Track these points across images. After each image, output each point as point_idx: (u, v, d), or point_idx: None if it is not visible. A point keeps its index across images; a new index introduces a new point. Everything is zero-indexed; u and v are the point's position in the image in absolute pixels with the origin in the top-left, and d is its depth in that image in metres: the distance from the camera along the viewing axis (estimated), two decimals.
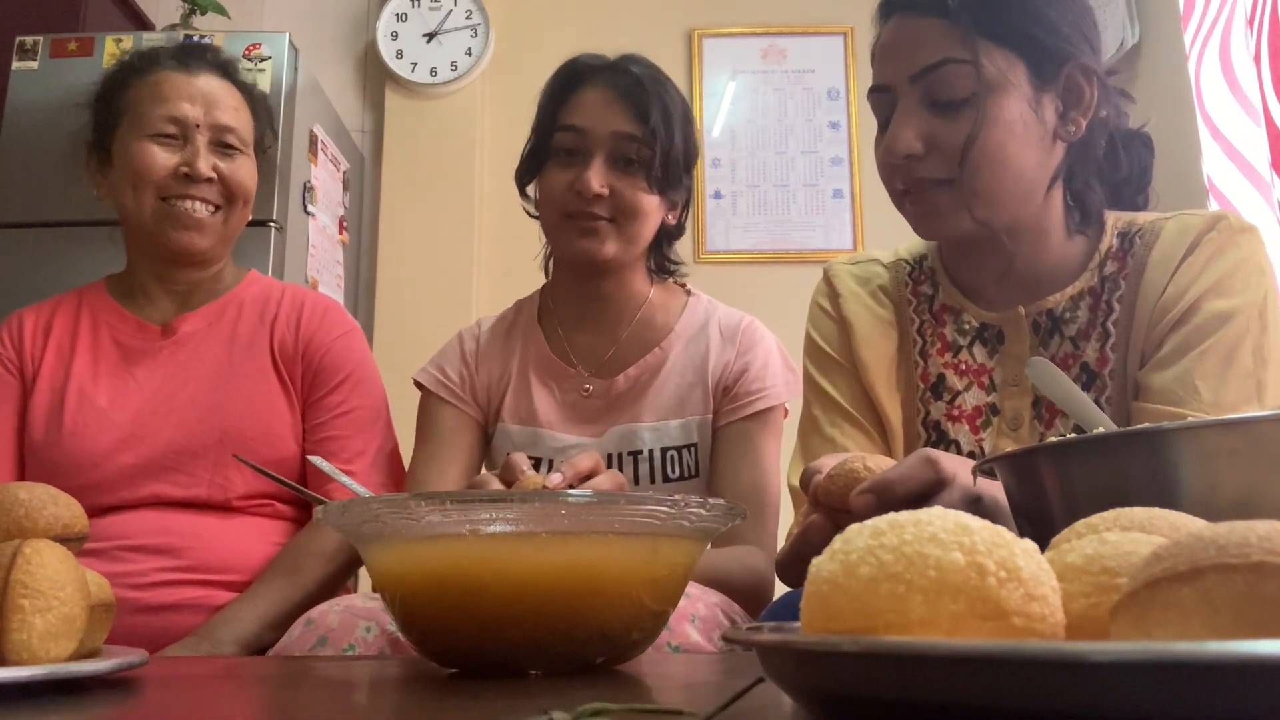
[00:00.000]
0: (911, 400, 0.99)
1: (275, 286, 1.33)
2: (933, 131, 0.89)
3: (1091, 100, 0.90)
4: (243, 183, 1.24)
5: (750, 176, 2.98)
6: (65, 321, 1.25)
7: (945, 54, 0.87)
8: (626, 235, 1.19)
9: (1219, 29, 2.04)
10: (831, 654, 0.31)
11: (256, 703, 0.55)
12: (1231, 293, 0.86)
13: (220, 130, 1.22)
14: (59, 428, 1.16)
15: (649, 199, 1.19)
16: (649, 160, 1.17)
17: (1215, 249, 0.88)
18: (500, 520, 0.56)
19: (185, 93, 1.21)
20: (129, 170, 1.19)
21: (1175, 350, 0.86)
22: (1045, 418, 0.92)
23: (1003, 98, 0.87)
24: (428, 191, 2.85)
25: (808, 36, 3.03)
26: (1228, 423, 0.49)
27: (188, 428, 1.17)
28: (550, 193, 1.21)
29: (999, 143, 0.87)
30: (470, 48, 2.89)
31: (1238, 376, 0.84)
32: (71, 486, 1.10)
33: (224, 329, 1.25)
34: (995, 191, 0.89)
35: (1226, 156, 2.00)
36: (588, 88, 1.20)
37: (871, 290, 1.05)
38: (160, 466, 1.15)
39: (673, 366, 1.23)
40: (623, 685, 0.54)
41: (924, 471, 0.65)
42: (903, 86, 0.90)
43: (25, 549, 0.51)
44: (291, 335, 1.25)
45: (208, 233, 1.21)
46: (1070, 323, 0.93)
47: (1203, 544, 0.28)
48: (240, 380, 1.21)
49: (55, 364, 1.21)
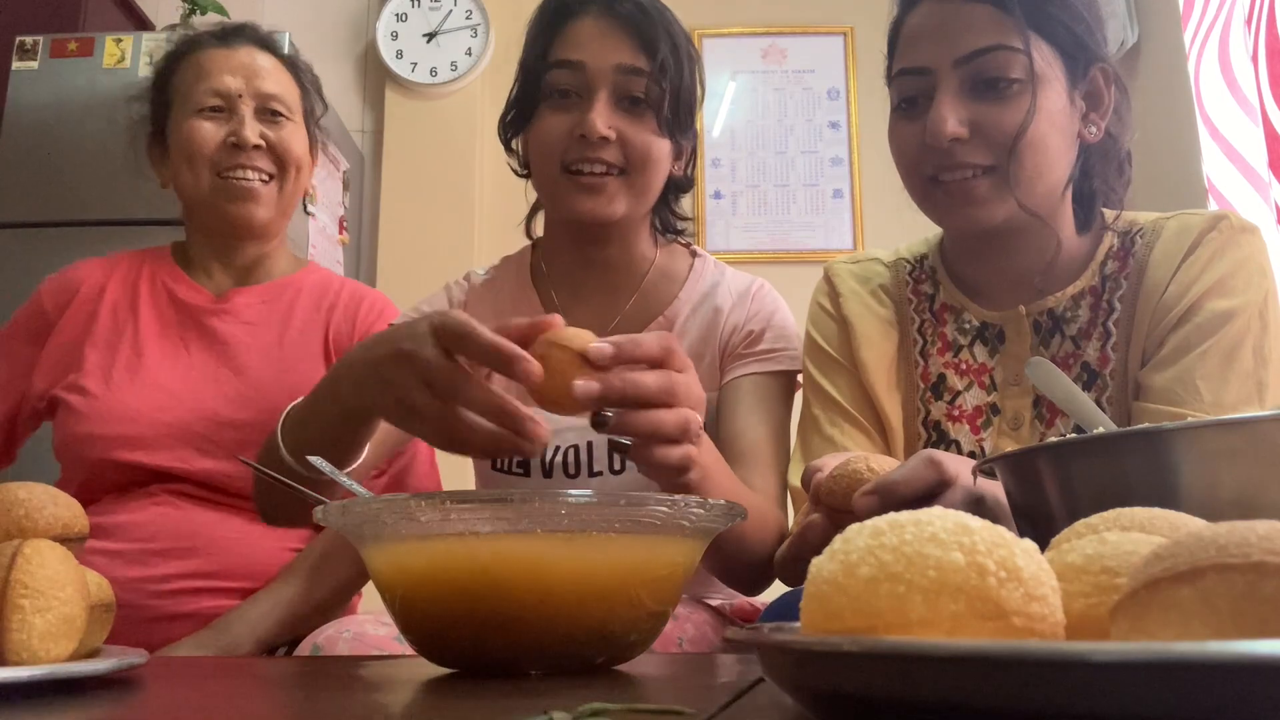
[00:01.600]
0: (912, 400, 0.99)
1: (335, 279, 1.34)
2: (978, 117, 0.88)
3: (1110, 104, 0.91)
4: (291, 149, 1.24)
5: (750, 176, 2.98)
6: (123, 279, 1.26)
7: (999, 40, 0.87)
8: (637, 189, 1.04)
9: (1218, 29, 2.04)
10: (831, 654, 0.31)
11: (256, 703, 0.55)
12: (1232, 292, 0.86)
13: (264, 98, 1.24)
14: (108, 381, 1.17)
15: (660, 143, 1.03)
16: (658, 98, 1.02)
17: (1216, 248, 0.88)
18: (500, 520, 0.56)
19: (226, 66, 1.23)
20: (181, 150, 1.21)
21: (1176, 350, 0.86)
22: (1046, 417, 0.92)
23: (1049, 90, 0.88)
24: (428, 191, 2.85)
25: (808, 36, 3.03)
26: (1228, 423, 0.49)
27: (229, 400, 1.18)
28: (545, 141, 1.04)
29: (1044, 134, 0.88)
30: (470, 48, 2.89)
31: (1238, 376, 0.84)
32: (107, 436, 1.13)
33: (280, 309, 1.26)
34: (1035, 181, 0.89)
35: (1225, 156, 2.00)
36: (583, 17, 1.04)
37: (872, 289, 1.04)
38: (195, 434, 1.15)
39: (678, 335, 1.11)
40: (623, 685, 0.54)
41: (928, 473, 0.65)
42: (945, 69, 0.89)
43: (25, 549, 0.51)
44: (348, 327, 1.27)
45: (264, 203, 1.23)
46: (1071, 322, 0.93)
47: (1203, 544, 0.28)
48: (290, 363, 1.22)
49: (110, 323, 1.22)
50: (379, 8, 2.95)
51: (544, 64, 1.04)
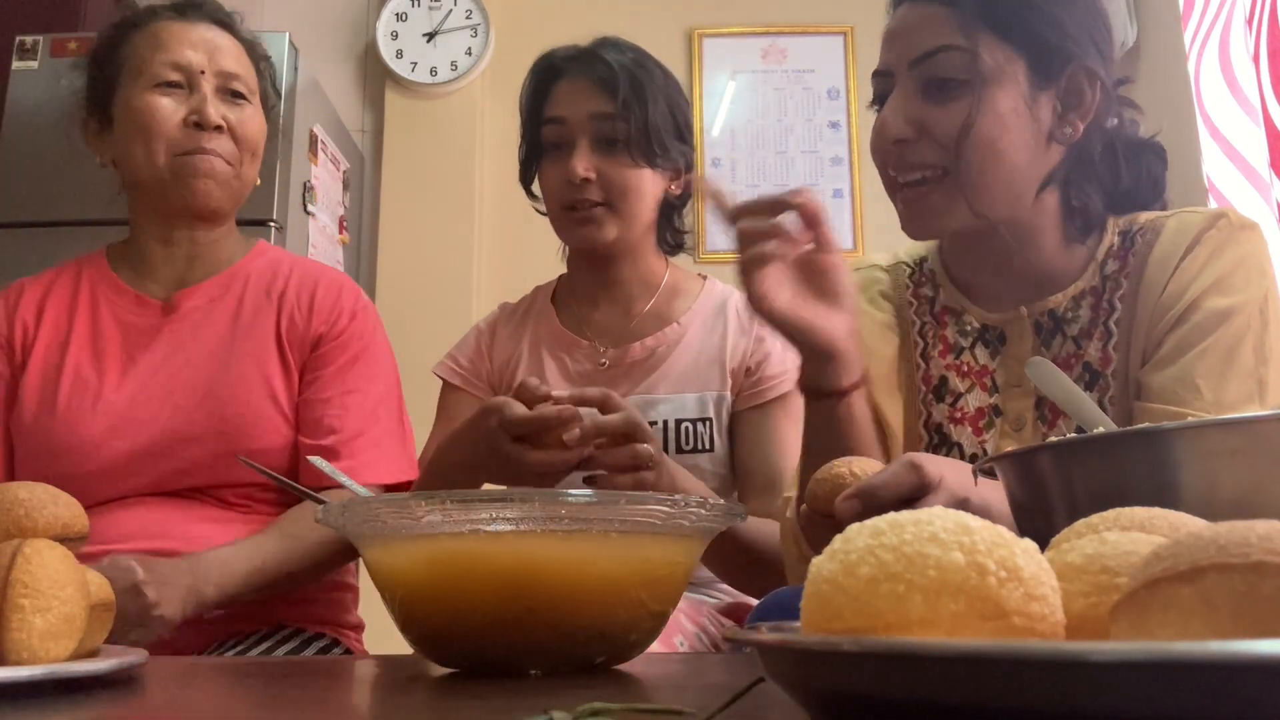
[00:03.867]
0: (913, 403, 0.98)
1: (284, 260, 1.27)
2: (924, 117, 0.89)
3: (1092, 104, 0.89)
4: (251, 134, 1.19)
5: (750, 176, 2.98)
6: (62, 295, 1.20)
7: (945, 40, 0.87)
8: (622, 215, 1.20)
9: (1218, 29, 2.04)
10: (831, 654, 0.31)
11: (256, 702, 0.55)
12: (1232, 290, 0.85)
13: (226, 77, 1.18)
14: (52, 411, 1.12)
15: (637, 174, 1.20)
16: (628, 135, 1.18)
17: (1215, 246, 0.88)
18: (500, 520, 0.56)
19: (187, 39, 1.17)
20: (137, 125, 1.14)
21: (1175, 349, 0.85)
22: (1048, 418, 0.92)
23: (996, 90, 0.87)
24: (428, 191, 2.85)
25: (808, 36, 3.03)
26: (1228, 422, 0.49)
27: (185, 414, 1.12)
28: (548, 188, 1.24)
29: (990, 134, 0.87)
30: (470, 48, 2.89)
31: (1239, 375, 0.83)
32: (64, 473, 1.07)
33: (228, 305, 1.19)
34: (989, 184, 0.88)
35: (1225, 156, 2.01)
36: (563, 79, 1.23)
37: (871, 296, 1.04)
38: (155, 454, 1.11)
39: (691, 341, 1.23)
40: (623, 685, 0.54)
41: (908, 477, 0.65)
42: (901, 71, 0.90)
43: (25, 549, 0.51)
44: (303, 315, 1.20)
45: (221, 184, 1.16)
46: (1072, 322, 0.92)
47: (1203, 544, 0.28)
48: (240, 362, 1.16)
49: (50, 341, 1.16)
50: (379, 8, 2.95)
51: (537, 122, 1.25)
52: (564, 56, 1.25)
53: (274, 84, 1.28)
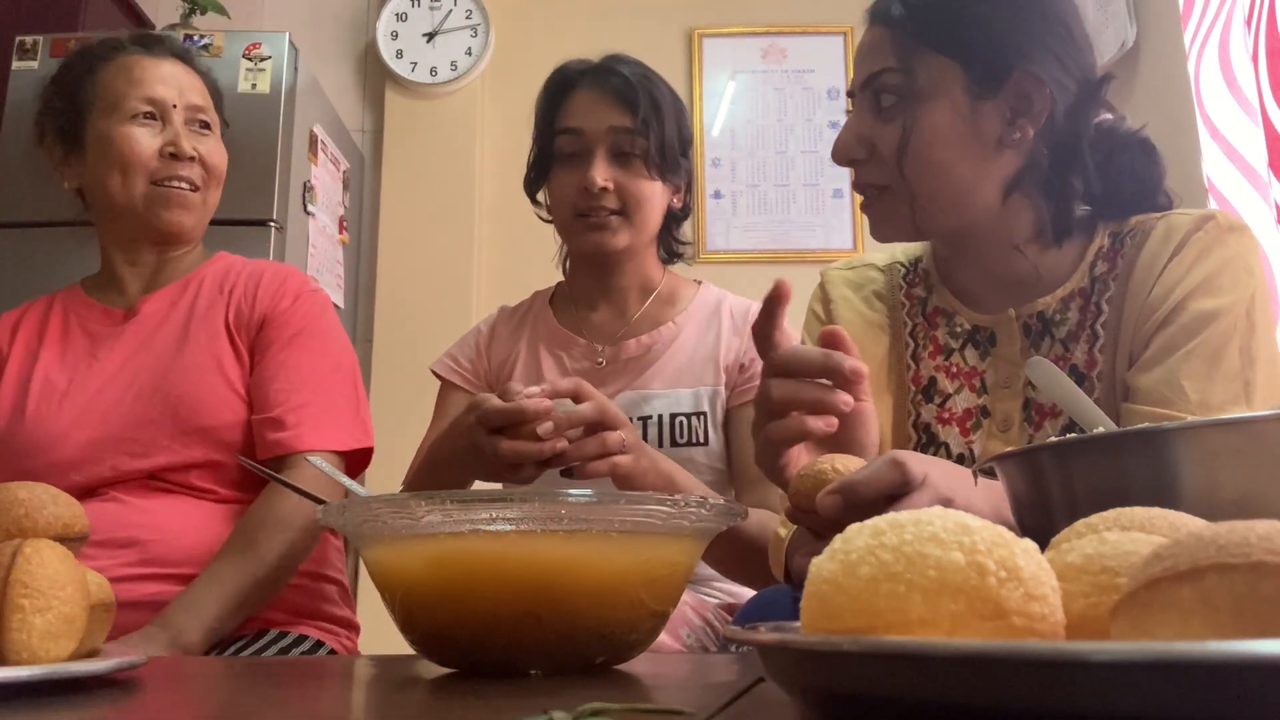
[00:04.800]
0: (902, 403, 0.99)
1: (238, 262, 1.33)
2: (872, 135, 0.92)
3: (1043, 110, 0.89)
4: (218, 163, 1.28)
5: (750, 176, 2.98)
6: (35, 318, 1.28)
7: (884, 63, 0.91)
8: (635, 224, 1.25)
9: (1218, 29, 2.04)
10: (831, 654, 0.31)
11: (256, 702, 0.55)
12: (1218, 292, 0.85)
13: (194, 110, 1.27)
14: (21, 416, 1.18)
15: (651, 186, 1.25)
16: (646, 150, 1.23)
17: (1202, 248, 0.87)
18: (500, 519, 0.56)
19: (158, 75, 1.25)
20: (115, 155, 1.22)
21: (1161, 350, 0.85)
22: (1035, 420, 0.92)
23: (930, 105, 0.89)
24: (428, 191, 2.85)
25: (808, 36, 3.03)
26: (1228, 423, 0.49)
27: (144, 399, 1.17)
28: (560, 195, 1.27)
29: (924, 150, 0.89)
30: (470, 48, 2.89)
31: (1225, 377, 0.82)
32: (35, 468, 1.12)
33: (184, 304, 1.26)
34: (931, 196, 0.91)
35: (1225, 156, 2.00)
36: (579, 90, 1.27)
37: (865, 295, 1.05)
38: (118, 439, 1.15)
39: (686, 340, 1.28)
40: (623, 685, 0.54)
41: (890, 474, 0.65)
42: (858, 94, 0.95)
43: (25, 549, 0.51)
44: (248, 302, 1.26)
45: (193, 211, 1.26)
46: (1061, 325, 0.93)
47: (1203, 544, 0.28)
48: (193, 349, 1.21)
49: (23, 358, 1.23)
50: (379, 8, 2.95)
51: (552, 131, 1.28)
52: (578, 69, 1.29)
53: (222, 113, 1.36)
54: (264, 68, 2.19)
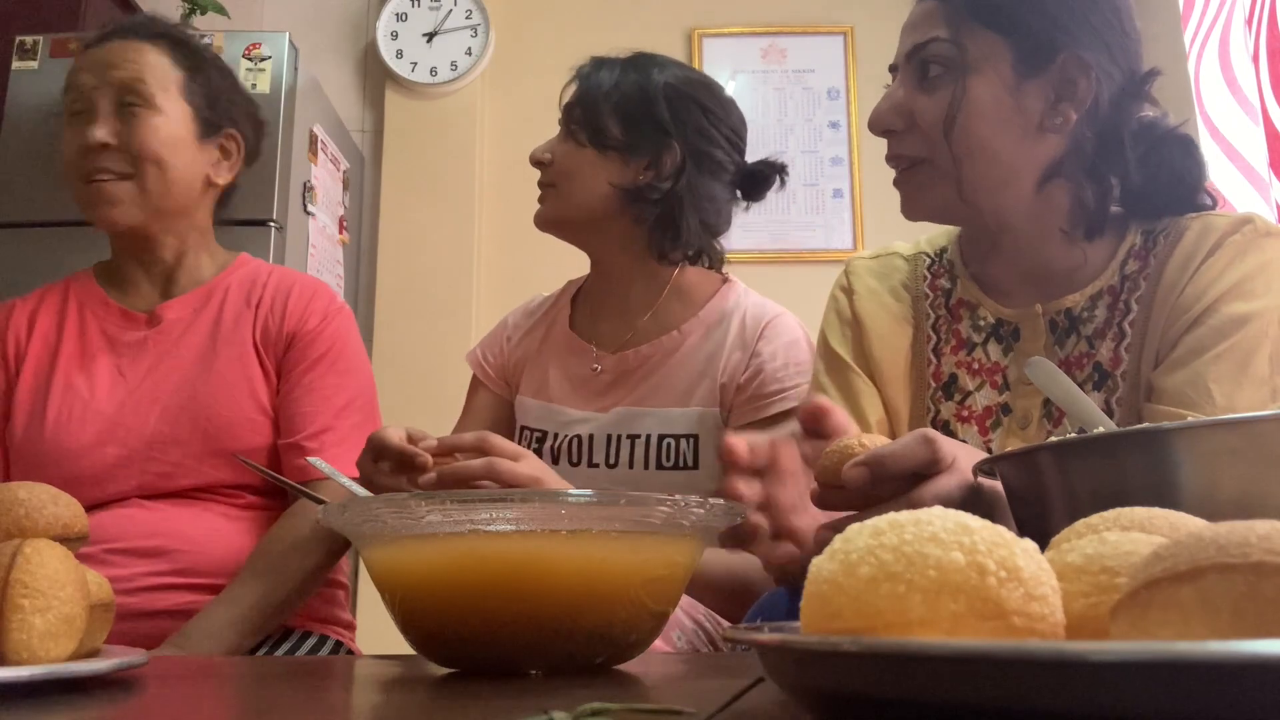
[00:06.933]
0: (921, 398, 0.98)
1: (263, 269, 1.28)
2: (913, 106, 0.91)
3: (1086, 95, 0.88)
4: (143, 142, 1.14)
5: None
6: (51, 311, 1.22)
7: (934, 33, 0.90)
8: (562, 194, 1.24)
9: (1218, 29, 2.04)
10: (831, 654, 0.31)
11: (256, 702, 0.55)
12: (1252, 296, 0.84)
13: (120, 89, 1.15)
14: (42, 420, 1.14)
15: (579, 154, 1.23)
16: (580, 119, 1.23)
17: (1238, 251, 0.86)
18: (500, 520, 0.56)
19: (86, 64, 1.17)
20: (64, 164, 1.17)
21: (1189, 351, 0.84)
22: (1055, 416, 0.90)
23: (976, 78, 0.88)
24: (428, 191, 2.85)
25: (808, 36, 3.03)
26: (1228, 423, 0.49)
27: (170, 418, 1.14)
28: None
29: (972, 125, 0.88)
30: (470, 48, 2.89)
31: (1253, 382, 0.81)
32: (55, 479, 1.08)
33: (209, 315, 1.21)
34: (973, 169, 0.90)
35: (1225, 156, 2.00)
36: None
37: (890, 286, 1.03)
38: (144, 458, 1.13)
39: (688, 352, 1.22)
40: (623, 685, 0.54)
41: (921, 451, 0.63)
42: (902, 65, 0.94)
43: (25, 549, 0.51)
44: (276, 319, 1.21)
45: (122, 203, 1.15)
46: (1088, 322, 0.91)
47: (1203, 544, 0.28)
48: (222, 367, 1.18)
49: (41, 354, 1.19)
50: (379, 8, 2.95)
51: None
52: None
53: (202, 67, 1.22)
54: (264, 68, 2.19)
